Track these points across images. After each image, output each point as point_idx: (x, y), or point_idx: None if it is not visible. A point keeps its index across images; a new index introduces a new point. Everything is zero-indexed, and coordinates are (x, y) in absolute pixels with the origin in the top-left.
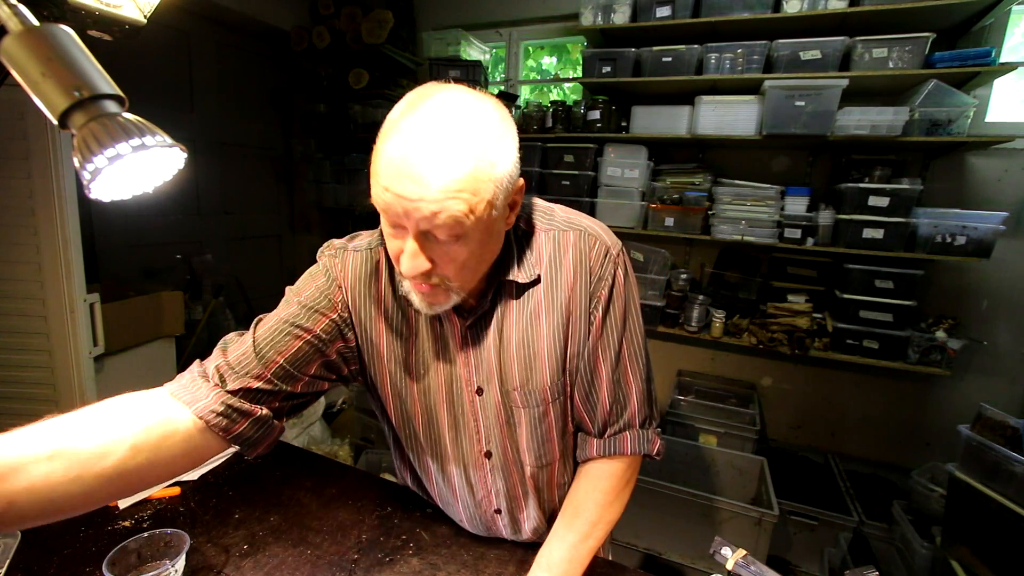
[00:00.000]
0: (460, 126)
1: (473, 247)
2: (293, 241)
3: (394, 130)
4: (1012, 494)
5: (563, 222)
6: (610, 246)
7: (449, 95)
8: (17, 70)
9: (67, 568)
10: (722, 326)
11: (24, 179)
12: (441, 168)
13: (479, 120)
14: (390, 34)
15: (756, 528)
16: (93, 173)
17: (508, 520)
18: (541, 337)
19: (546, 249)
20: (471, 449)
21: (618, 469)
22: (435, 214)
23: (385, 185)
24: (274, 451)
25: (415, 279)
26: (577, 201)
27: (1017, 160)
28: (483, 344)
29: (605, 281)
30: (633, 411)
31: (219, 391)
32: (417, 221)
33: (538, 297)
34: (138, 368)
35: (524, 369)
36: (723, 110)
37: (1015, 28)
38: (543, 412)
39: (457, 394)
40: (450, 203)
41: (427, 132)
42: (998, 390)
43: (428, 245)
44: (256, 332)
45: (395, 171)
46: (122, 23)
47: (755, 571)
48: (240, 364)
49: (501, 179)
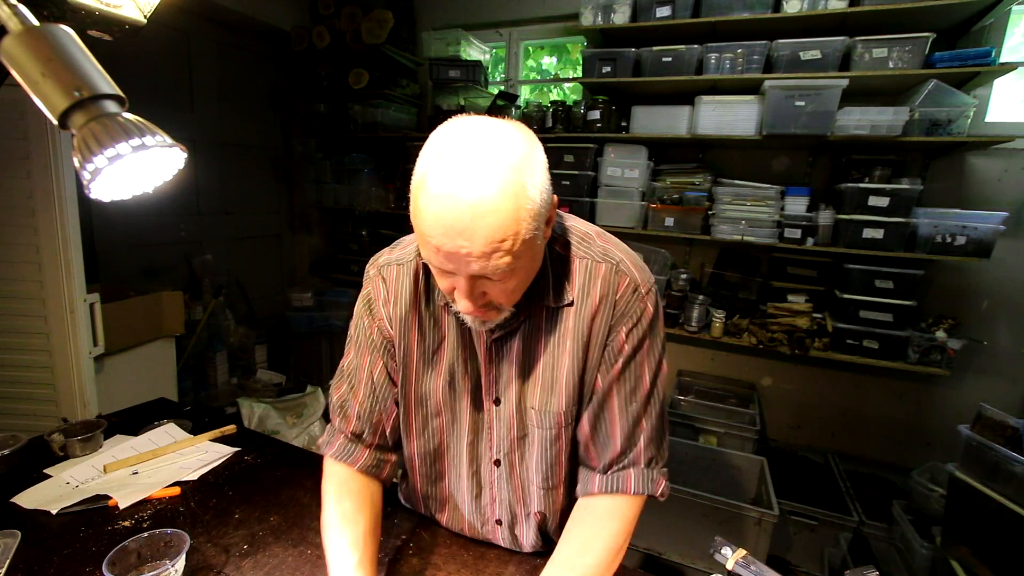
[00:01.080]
0: (492, 173)
1: (520, 276)
2: (293, 241)
3: (427, 185)
4: (1012, 494)
5: (599, 253)
6: (640, 283)
7: (474, 137)
8: (17, 70)
9: (67, 568)
10: (722, 326)
11: (24, 179)
12: (483, 224)
13: (509, 159)
14: (390, 34)
15: (756, 528)
16: (93, 173)
17: (508, 534)
18: (564, 362)
19: (579, 277)
20: (484, 454)
21: (624, 510)
22: (485, 265)
23: (435, 245)
24: (274, 451)
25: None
26: (577, 201)
27: (1017, 160)
28: (507, 358)
29: (629, 317)
30: (640, 450)
31: (370, 451)
32: (469, 272)
33: (566, 324)
34: (138, 368)
35: (544, 391)
36: (723, 110)
37: (1015, 28)
38: (555, 436)
39: (477, 401)
40: (498, 254)
41: (462, 187)
42: (998, 390)
43: (479, 283)
44: (359, 397)
45: (439, 233)
46: (122, 23)
47: (755, 571)
48: (363, 430)
49: (539, 211)
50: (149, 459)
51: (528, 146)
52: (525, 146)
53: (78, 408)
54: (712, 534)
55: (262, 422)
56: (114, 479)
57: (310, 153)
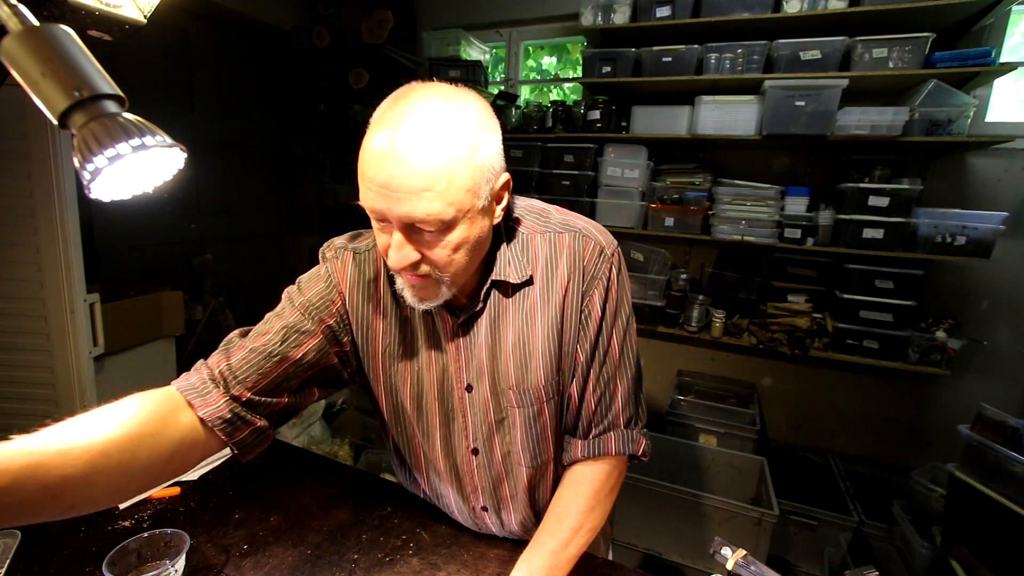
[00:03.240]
0: (437, 116)
1: (460, 237)
2: (293, 241)
3: (374, 126)
4: (1012, 494)
5: (559, 224)
6: (604, 245)
7: (427, 90)
8: (17, 70)
9: (67, 568)
10: (722, 326)
11: (24, 179)
12: (418, 154)
13: (457, 110)
14: (390, 34)
15: (756, 528)
16: (93, 173)
17: (495, 518)
18: (536, 337)
19: (541, 251)
20: (459, 444)
21: (602, 473)
22: (416, 203)
23: (367, 179)
24: (274, 451)
25: (404, 271)
26: (577, 201)
27: (1017, 160)
28: (475, 343)
29: (599, 280)
30: (618, 410)
31: (227, 399)
32: (400, 214)
33: (533, 298)
34: (138, 368)
35: (519, 369)
36: (723, 110)
37: (1015, 28)
38: (538, 411)
39: (448, 390)
40: (429, 193)
41: (404, 123)
42: (998, 390)
43: (414, 237)
44: (258, 340)
45: (375, 163)
46: (122, 23)
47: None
48: (242, 371)
49: (481, 166)
50: None
51: (481, 108)
52: (478, 106)
53: (78, 408)
54: (712, 534)
55: None
56: None
57: (310, 153)
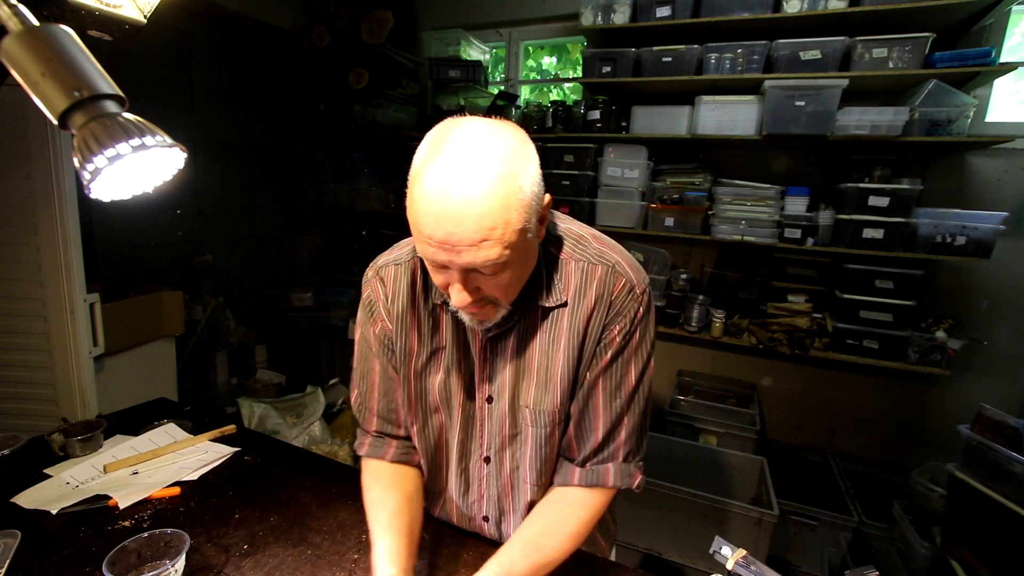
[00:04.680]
0: (486, 160)
1: (514, 270)
2: (293, 241)
3: (422, 178)
4: (1012, 494)
5: (595, 255)
6: (635, 284)
7: (466, 133)
8: (17, 70)
9: (67, 568)
10: (722, 326)
11: (24, 179)
12: (474, 209)
13: (500, 152)
14: (390, 34)
15: (756, 528)
16: (93, 173)
17: (495, 529)
18: (558, 362)
19: (575, 279)
20: (474, 451)
21: (598, 502)
22: (476, 254)
23: (425, 236)
24: (274, 451)
25: (465, 308)
26: (577, 201)
27: (1017, 160)
28: (501, 357)
29: (623, 316)
30: (619, 444)
31: (396, 442)
32: (461, 263)
33: (562, 324)
34: (138, 368)
35: (539, 390)
36: (723, 110)
37: (1015, 28)
38: (549, 433)
39: (471, 399)
40: (488, 243)
41: (453, 177)
42: (998, 390)
43: (473, 277)
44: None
45: (432, 222)
46: (122, 23)
47: (755, 571)
48: (385, 426)
49: (530, 203)
50: (149, 459)
51: (519, 141)
52: (516, 140)
53: (78, 408)
54: (712, 534)
55: (262, 422)
56: (114, 479)
57: (310, 153)
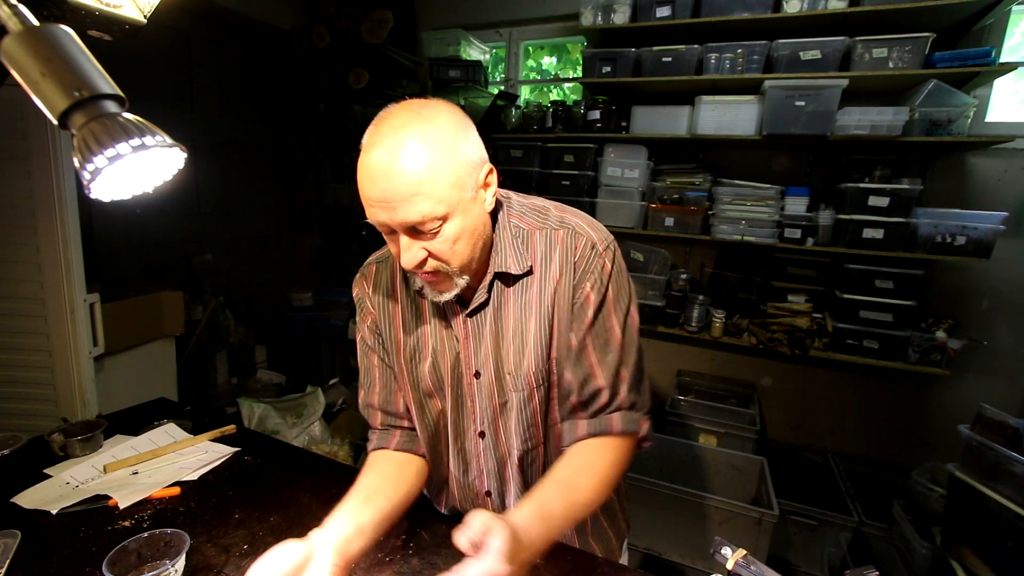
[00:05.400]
0: (412, 128)
1: (456, 228)
2: (293, 241)
3: (363, 150)
4: (1012, 494)
5: (555, 221)
6: (596, 241)
7: (400, 108)
8: (17, 70)
9: (67, 568)
10: (722, 326)
11: (24, 179)
12: (403, 165)
13: (428, 119)
14: (390, 34)
15: (756, 528)
16: (93, 173)
17: (498, 503)
18: (531, 327)
19: (540, 247)
20: (468, 428)
21: (621, 447)
22: (410, 208)
23: (367, 197)
24: (274, 451)
25: (416, 270)
26: (577, 201)
27: (1017, 160)
28: (482, 332)
29: (591, 273)
30: (623, 396)
31: (401, 431)
32: (399, 220)
33: (532, 291)
34: (138, 368)
35: (516, 355)
36: (723, 110)
37: (1015, 28)
38: (528, 396)
39: (459, 377)
40: (419, 196)
41: (386, 142)
42: (998, 390)
43: (418, 238)
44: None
45: (369, 182)
46: (122, 23)
47: (755, 571)
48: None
49: (461, 162)
50: (149, 459)
51: (450, 111)
52: (447, 111)
53: (78, 408)
54: (712, 534)
55: (262, 422)
56: (114, 479)
57: (310, 153)
